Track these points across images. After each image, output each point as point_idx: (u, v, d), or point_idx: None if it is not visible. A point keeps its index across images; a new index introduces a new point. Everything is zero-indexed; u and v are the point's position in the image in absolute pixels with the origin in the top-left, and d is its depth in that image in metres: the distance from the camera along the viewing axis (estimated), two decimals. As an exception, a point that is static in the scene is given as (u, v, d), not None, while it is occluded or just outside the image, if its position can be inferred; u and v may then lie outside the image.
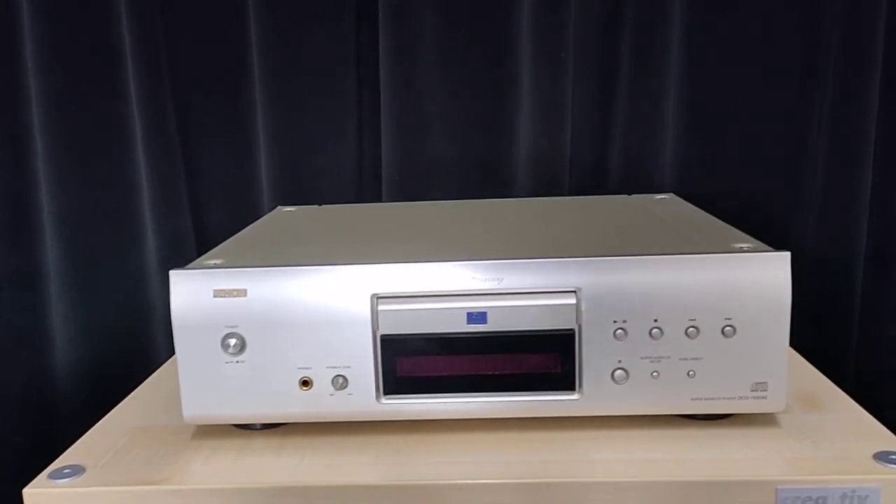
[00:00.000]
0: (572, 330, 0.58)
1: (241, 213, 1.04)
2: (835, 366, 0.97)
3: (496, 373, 0.59)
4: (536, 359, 0.59)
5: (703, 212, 0.79)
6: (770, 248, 0.59)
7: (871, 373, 1.02)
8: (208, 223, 1.07)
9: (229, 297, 0.58)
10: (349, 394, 0.59)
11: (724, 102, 1.00)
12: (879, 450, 0.55)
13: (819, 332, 1.00)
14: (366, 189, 1.06)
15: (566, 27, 0.97)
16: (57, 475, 0.56)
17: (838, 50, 0.96)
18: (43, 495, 0.55)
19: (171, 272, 0.59)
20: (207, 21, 1.02)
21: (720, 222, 0.72)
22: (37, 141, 1.03)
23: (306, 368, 0.59)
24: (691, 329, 0.57)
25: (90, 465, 0.58)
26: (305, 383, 0.59)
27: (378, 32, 0.99)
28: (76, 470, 0.57)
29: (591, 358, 0.58)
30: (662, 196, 0.89)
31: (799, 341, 0.65)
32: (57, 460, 0.59)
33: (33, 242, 1.06)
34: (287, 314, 0.58)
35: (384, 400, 0.59)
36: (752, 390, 0.58)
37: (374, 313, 0.58)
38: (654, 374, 0.58)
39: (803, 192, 1.01)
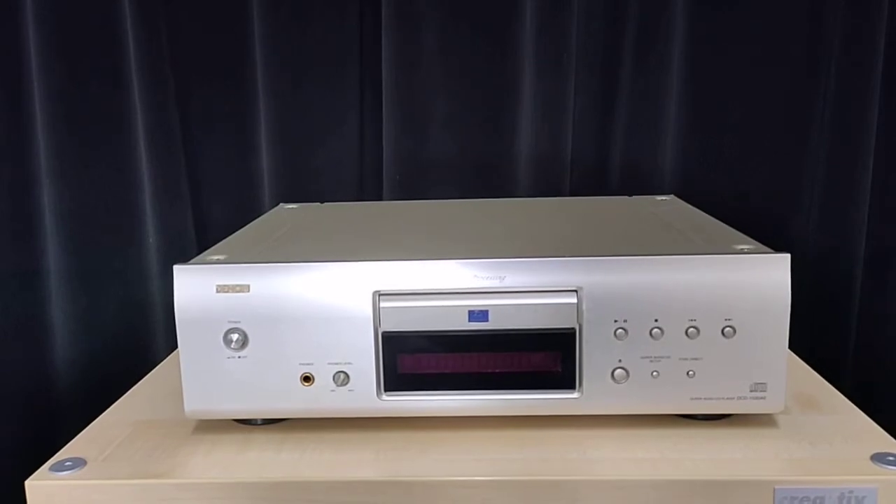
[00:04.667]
0: (573, 329, 0.58)
1: (242, 210, 1.04)
2: (833, 367, 0.97)
3: (497, 371, 0.59)
4: (537, 357, 0.59)
5: (703, 213, 0.79)
6: (770, 250, 0.59)
7: (869, 375, 1.02)
8: (209, 220, 1.07)
9: (232, 292, 0.58)
10: (350, 390, 0.59)
11: (724, 104, 1.00)
12: (877, 451, 0.56)
13: (818, 334, 1.00)
14: (367, 187, 1.06)
15: (568, 28, 0.98)
16: (58, 467, 0.56)
17: (839, 51, 0.97)
18: (44, 487, 0.55)
19: (175, 266, 0.59)
20: (210, 18, 1.02)
21: (721, 224, 0.73)
22: (39, 136, 1.04)
23: (308, 364, 0.59)
24: (691, 329, 0.58)
25: (91, 458, 0.58)
26: (307, 379, 0.59)
27: (381, 31, 0.99)
28: (78, 462, 0.57)
29: (592, 357, 0.58)
30: (663, 197, 0.90)
31: (797, 343, 0.65)
32: (59, 453, 0.59)
33: (35, 237, 1.06)
34: (289, 310, 0.58)
35: (385, 396, 0.60)
36: (751, 391, 0.58)
37: (376, 310, 0.58)
38: (654, 373, 0.58)
39: (804, 195, 1.01)
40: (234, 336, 0.58)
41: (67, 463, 0.57)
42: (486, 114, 1.02)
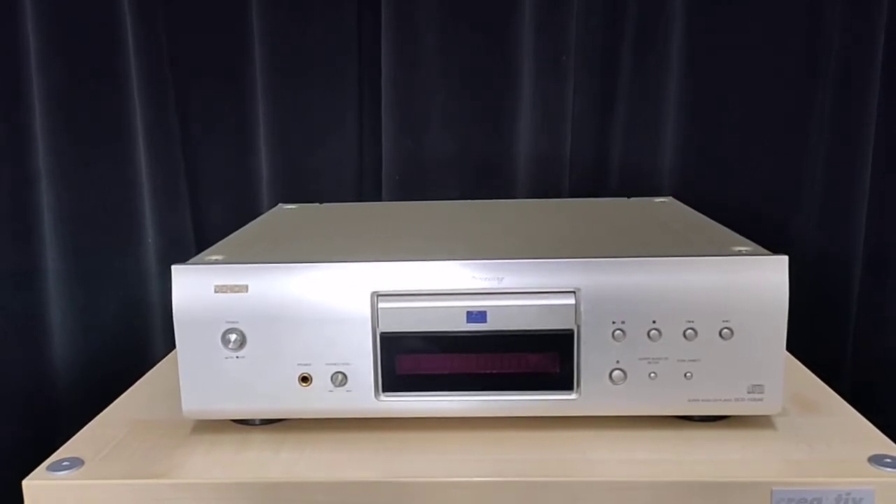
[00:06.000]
0: (571, 330, 0.58)
1: (241, 211, 1.04)
2: (831, 369, 0.97)
3: (495, 372, 0.59)
4: (535, 358, 0.59)
5: (701, 215, 0.79)
6: (768, 252, 0.59)
7: (868, 376, 1.02)
8: (208, 220, 1.07)
9: (230, 292, 0.58)
10: (348, 391, 0.59)
11: (724, 105, 1.00)
12: (874, 453, 0.56)
13: (816, 335, 1.00)
14: (366, 187, 1.06)
15: (568, 29, 0.98)
16: (56, 467, 0.56)
17: (838, 52, 0.97)
18: (42, 487, 0.55)
19: (173, 266, 0.59)
20: (210, 18, 1.02)
21: (719, 225, 0.73)
22: (38, 136, 1.03)
23: (306, 365, 0.59)
24: (689, 331, 0.58)
25: (89, 458, 0.58)
26: (305, 379, 0.59)
27: (380, 31, 0.99)
28: (75, 462, 0.57)
29: (590, 358, 0.58)
30: (662, 199, 0.90)
31: (796, 344, 0.65)
32: (56, 452, 0.59)
33: (33, 237, 1.06)
34: (287, 310, 0.58)
35: (383, 397, 0.60)
36: (748, 392, 0.58)
37: (375, 311, 0.58)
38: (652, 375, 0.58)
39: (802, 196, 1.01)
40: (232, 336, 0.58)
41: (65, 463, 0.57)
42: (485, 114, 1.02)
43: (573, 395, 0.59)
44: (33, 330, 1.08)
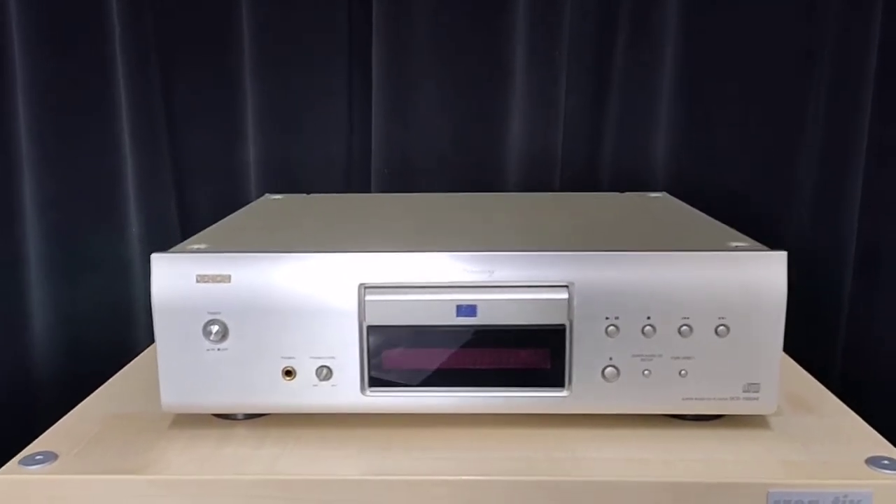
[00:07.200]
0: (563, 325, 0.57)
1: (228, 201, 1.02)
2: (823, 368, 0.96)
3: (485, 367, 0.58)
4: (526, 354, 0.57)
5: (696, 210, 0.78)
6: (767, 248, 0.58)
7: (858, 376, 1.02)
8: (194, 210, 1.05)
9: (212, 282, 0.57)
10: (333, 385, 0.58)
11: (717, 101, 0.99)
12: (870, 454, 0.55)
13: (806, 334, 0.99)
14: (354, 179, 1.04)
15: (561, 23, 0.96)
16: (28, 461, 0.55)
17: (832, 50, 0.96)
18: (13, 482, 0.53)
19: (153, 255, 0.57)
20: (198, 8, 1.00)
21: (714, 221, 0.71)
22: (21, 122, 1.02)
23: (290, 358, 0.57)
24: (684, 328, 0.56)
25: (63, 452, 0.56)
26: (288, 373, 0.57)
27: (371, 21, 0.97)
28: (48, 456, 0.55)
29: (582, 354, 0.57)
30: (655, 194, 0.88)
31: (787, 342, 0.64)
32: (29, 446, 0.57)
33: (14, 226, 1.05)
34: (271, 302, 0.57)
35: (369, 392, 0.58)
36: (744, 391, 0.57)
37: (361, 303, 0.57)
38: (646, 372, 0.57)
39: (795, 193, 1.00)
40: (214, 328, 0.56)
41: (38, 457, 0.55)
42: (477, 108, 1.00)
43: (564, 393, 0.58)
44: (12, 321, 1.06)
